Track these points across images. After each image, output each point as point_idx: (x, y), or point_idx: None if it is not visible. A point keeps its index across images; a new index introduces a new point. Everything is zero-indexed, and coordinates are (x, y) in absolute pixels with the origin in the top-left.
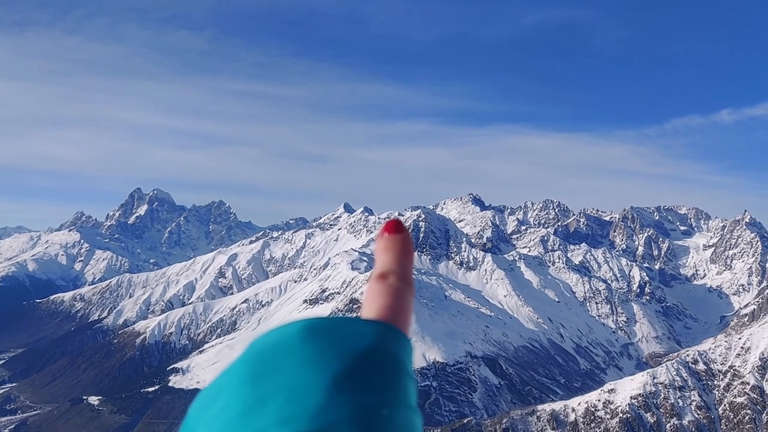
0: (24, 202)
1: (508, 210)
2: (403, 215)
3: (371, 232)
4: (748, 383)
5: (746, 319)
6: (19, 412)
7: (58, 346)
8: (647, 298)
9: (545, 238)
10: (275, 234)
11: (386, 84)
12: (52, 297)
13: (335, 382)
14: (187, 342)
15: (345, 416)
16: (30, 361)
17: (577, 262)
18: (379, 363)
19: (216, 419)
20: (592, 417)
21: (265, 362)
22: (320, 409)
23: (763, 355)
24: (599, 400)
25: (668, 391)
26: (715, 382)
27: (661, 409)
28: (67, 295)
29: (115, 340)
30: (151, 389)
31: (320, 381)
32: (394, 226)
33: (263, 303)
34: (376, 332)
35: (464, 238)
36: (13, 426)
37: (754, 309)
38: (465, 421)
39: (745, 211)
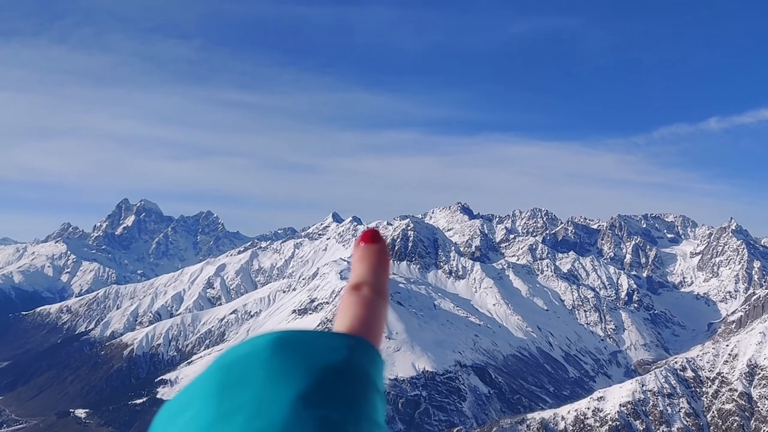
0: (10, 214)
1: (497, 219)
2: (391, 224)
3: None
4: (736, 390)
5: (733, 326)
6: (5, 426)
7: (44, 359)
8: (635, 305)
9: (533, 246)
10: (264, 244)
11: (375, 93)
12: (38, 309)
13: (302, 397)
14: (175, 353)
15: None
16: (16, 373)
17: (565, 271)
18: (347, 378)
19: None
20: (582, 425)
21: (233, 374)
22: (285, 424)
23: (751, 361)
24: (588, 408)
25: (657, 399)
26: (704, 389)
27: (650, 417)
28: (53, 307)
29: (103, 352)
30: (138, 401)
31: (287, 395)
32: (371, 236)
33: (252, 314)
34: (346, 346)
35: (453, 247)
36: None
37: (741, 316)
38: (455, 430)
39: (731, 218)
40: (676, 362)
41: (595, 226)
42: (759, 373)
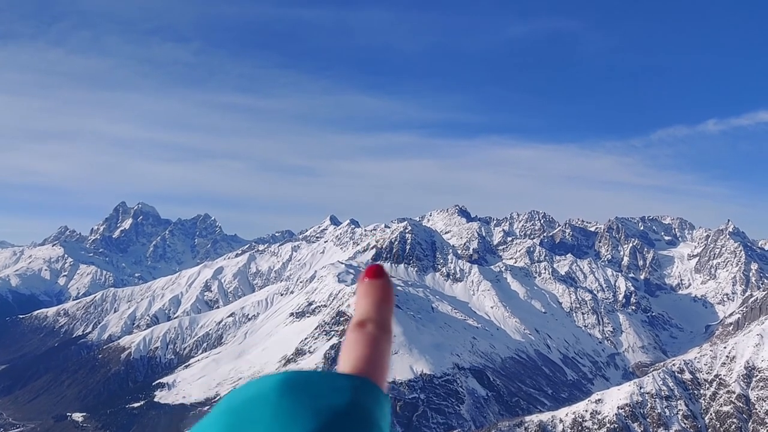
0: (6, 217)
1: (494, 221)
2: (389, 227)
3: (357, 245)
4: (734, 392)
5: (731, 328)
6: (2, 429)
7: (41, 362)
8: (633, 308)
9: (531, 249)
10: (261, 247)
11: (373, 96)
12: (35, 312)
13: None
14: (172, 356)
15: None
16: (13, 377)
17: (563, 273)
18: (352, 420)
19: None
20: (580, 428)
21: (241, 416)
22: None
23: (749, 363)
24: (587, 411)
25: (655, 401)
26: (701, 392)
27: (648, 419)
28: (50, 311)
29: (100, 356)
30: (136, 405)
31: None
32: (374, 272)
33: (249, 316)
34: (351, 387)
35: (451, 250)
36: None
37: (738, 318)
38: None
39: (729, 220)
40: (673, 364)
41: (592, 229)
42: (756, 375)
